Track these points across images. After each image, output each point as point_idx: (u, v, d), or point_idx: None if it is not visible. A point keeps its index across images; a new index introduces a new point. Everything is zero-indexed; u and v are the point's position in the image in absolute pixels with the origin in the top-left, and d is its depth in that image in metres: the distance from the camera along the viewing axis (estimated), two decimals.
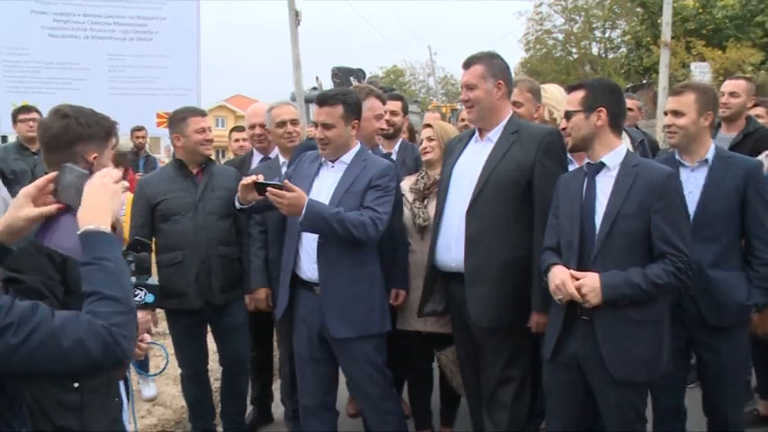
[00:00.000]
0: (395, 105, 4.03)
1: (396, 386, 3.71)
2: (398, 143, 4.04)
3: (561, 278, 2.35)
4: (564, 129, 2.55)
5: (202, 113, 3.32)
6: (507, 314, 2.70)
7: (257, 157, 3.86)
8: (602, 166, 2.43)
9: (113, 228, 1.41)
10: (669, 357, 2.38)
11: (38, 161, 4.70)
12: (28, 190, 1.47)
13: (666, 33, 10.66)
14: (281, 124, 3.41)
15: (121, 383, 1.85)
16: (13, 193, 3.91)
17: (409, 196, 3.28)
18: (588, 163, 2.48)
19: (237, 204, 2.91)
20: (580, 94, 2.45)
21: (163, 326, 5.79)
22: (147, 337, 1.97)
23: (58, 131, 1.68)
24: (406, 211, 3.25)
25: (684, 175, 2.68)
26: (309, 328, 2.87)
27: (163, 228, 3.21)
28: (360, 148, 2.88)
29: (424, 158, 3.32)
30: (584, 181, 2.46)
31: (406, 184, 3.34)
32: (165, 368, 2.69)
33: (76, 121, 1.70)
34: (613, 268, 2.31)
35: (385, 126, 3.34)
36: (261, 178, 2.72)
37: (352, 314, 2.77)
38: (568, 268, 2.39)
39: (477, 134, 2.88)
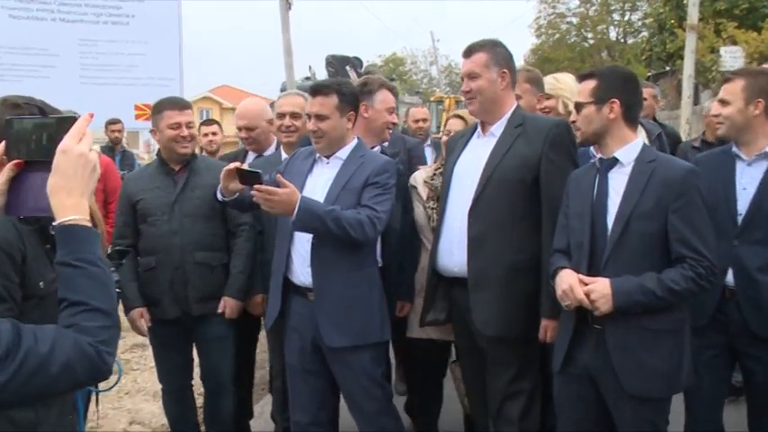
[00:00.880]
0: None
1: (408, 401, 3.71)
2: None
3: (569, 283, 2.33)
4: (574, 122, 2.52)
5: (181, 106, 3.22)
6: (514, 322, 2.68)
7: (252, 155, 3.86)
8: (614, 161, 2.40)
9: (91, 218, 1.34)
10: (691, 370, 2.35)
11: None
12: None
13: (693, 15, 10.64)
14: (280, 116, 3.41)
15: (78, 394, 1.82)
16: None
17: (423, 192, 3.25)
18: (600, 158, 2.46)
19: (219, 196, 2.88)
20: (591, 83, 2.41)
21: (141, 338, 5.78)
22: None
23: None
24: (420, 209, 3.23)
25: (740, 168, 2.65)
26: (302, 337, 2.84)
27: (142, 229, 3.20)
28: (357, 143, 2.87)
29: (444, 153, 3.30)
30: (596, 178, 2.44)
31: (420, 175, 3.31)
32: (117, 381, 2.61)
33: (29, 111, 1.65)
34: (627, 272, 2.27)
35: (396, 120, 3.31)
36: (245, 166, 2.70)
37: (348, 321, 2.75)
38: (578, 272, 2.36)
39: (479, 129, 2.87)
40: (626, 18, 31.12)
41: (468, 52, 2.77)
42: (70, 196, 1.24)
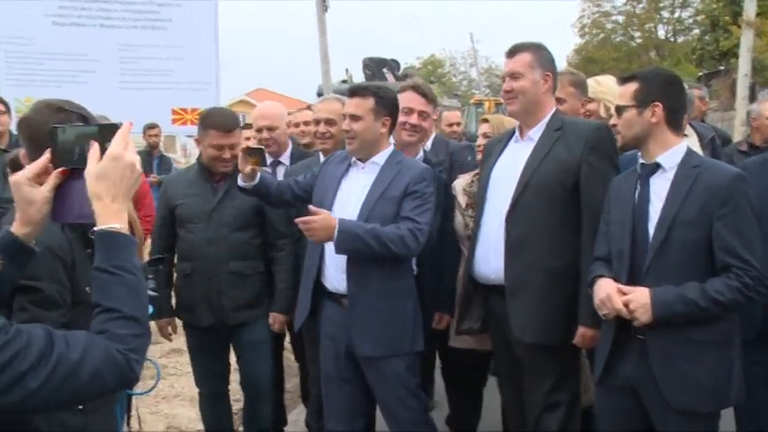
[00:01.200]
0: None
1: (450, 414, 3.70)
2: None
3: (607, 292, 2.31)
4: (615, 125, 2.51)
5: (227, 129, 3.16)
6: (553, 329, 2.66)
7: (267, 160, 3.92)
8: (656, 167, 2.38)
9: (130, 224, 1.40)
10: (742, 385, 2.30)
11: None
12: (24, 175, 1.40)
13: (750, 10, 10.37)
14: (316, 122, 3.49)
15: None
16: None
17: (461, 199, 3.26)
18: (642, 164, 2.43)
19: (240, 182, 2.95)
20: (632, 86, 2.39)
21: (179, 342, 5.90)
22: None
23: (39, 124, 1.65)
24: (458, 218, 3.25)
25: None
26: (336, 344, 2.87)
27: (180, 234, 3.27)
28: (393, 150, 2.91)
29: (479, 158, 3.30)
30: (638, 184, 2.41)
31: (460, 183, 3.33)
32: (155, 386, 2.69)
33: (76, 116, 1.70)
34: (668, 281, 2.24)
35: (414, 120, 3.26)
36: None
37: (381, 331, 2.77)
38: (618, 281, 2.34)
39: (517, 133, 2.88)
40: (676, 15, 30.51)
41: (512, 52, 2.80)
42: (114, 202, 1.30)
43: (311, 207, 2.68)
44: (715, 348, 2.26)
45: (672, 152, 2.36)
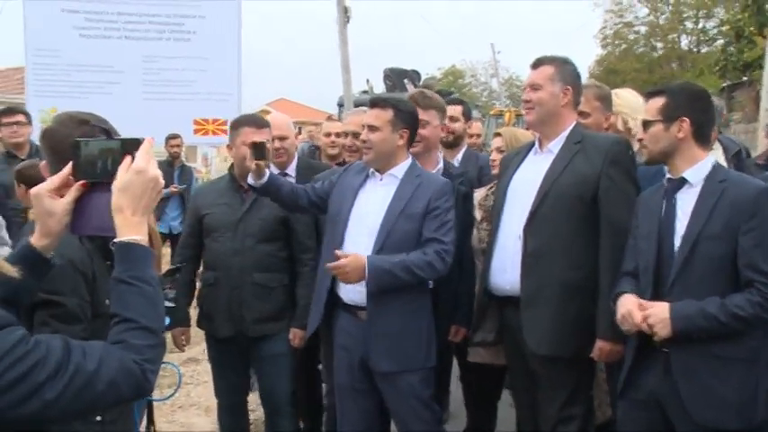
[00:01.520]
0: (454, 110, 4.03)
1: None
2: (462, 152, 4.01)
3: (627, 307, 2.33)
4: (641, 140, 2.51)
5: (259, 124, 3.25)
6: (568, 341, 2.66)
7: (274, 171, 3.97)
8: (683, 182, 2.38)
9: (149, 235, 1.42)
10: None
11: None
12: (45, 187, 1.41)
13: None
14: (345, 135, 3.58)
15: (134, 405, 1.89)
16: (5, 211, 3.95)
17: (477, 213, 3.27)
18: (669, 178, 2.44)
19: (250, 180, 2.97)
20: (660, 101, 2.40)
21: (196, 350, 5.93)
22: None
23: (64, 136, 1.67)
24: (473, 232, 3.25)
25: None
26: (351, 355, 2.88)
27: (206, 243, 3.30)
28: (412, 163, 2.92)
29: (493, 172, 3.30)
30: (665, 198, 2.41)
31: (475, 197, 3.34)
32: (176, 392, 2.71)
33: (99, 129, 1.73)
34: (693, 296, 2.23)
35: (425, 132, 3.29)
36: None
37: (398, 347, 2.80)
38: (644, 296, 2.33)
39: (536, 145, 2.89)
40: (699, 26, 30.18)
41: (536, 64, 2.85)
42: (135, 215, 1.33)
43: (338, 252, 2.70)
44: (741, 365, 2.24)
45: (698, 167, 2.36)
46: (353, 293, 2.83)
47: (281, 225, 3.23)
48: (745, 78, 20.10)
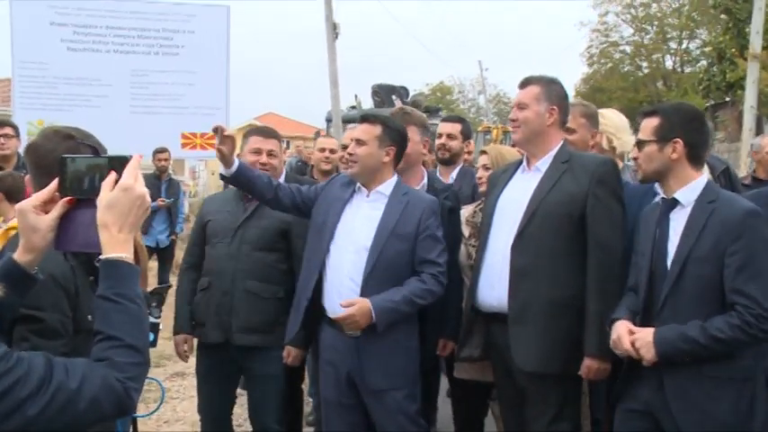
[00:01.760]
0: (452, 128, 4.03)
1: None
2: (457, 170, 4.01)
3: (618, 333, 2.37)
4: (636, 158, 2.55)
5: (267, 134, 3.32)
6: (556, 358, 2.67)
7: None
8: (675, 202, 2.41)
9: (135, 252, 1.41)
10: (767, 419, 2.26)
11: None
12: (30, 203, 1.40)
13: (756, 43, 10.43)
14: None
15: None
16: None
17: (465, 230, 3.28)
18: (663, 198, 2.47)
19: (222, 171, 2.94)
20: (654, 121, 2.42)
21: (183, 365, 5.88)
22: None
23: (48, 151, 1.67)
24: (462, 248, 3.26)
25: None
26: (337, 371, 2.88)
27: (206, 250, 3.29)
28: (397, 180, 2.95)
29: (480, 189, 3.33)
30: (659, 218, 2.45)
31: (463, 214, 3.35)
32: (159, 407, 2.69)
33: (85, 145, 1.72)
34: (683, 317, 2.26)
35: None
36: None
37: (389, 364, 2.81)
38: (637, 314, 2.37)
39: (524, 163, 2.93)
40: (683, 46, 30.67)
41: (524, 84, 2.89)
42: (120, 232, 1.32)
43: (343, 302, 2.72)
44: (734, 384, 2.25)
45: (690, 188, 2.38)
46: (339, 308, 2.80)
47: (281, 236, 3.19)
48: (727, 99, 20.44)
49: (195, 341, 3.33)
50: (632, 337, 2.30)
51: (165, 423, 4.53)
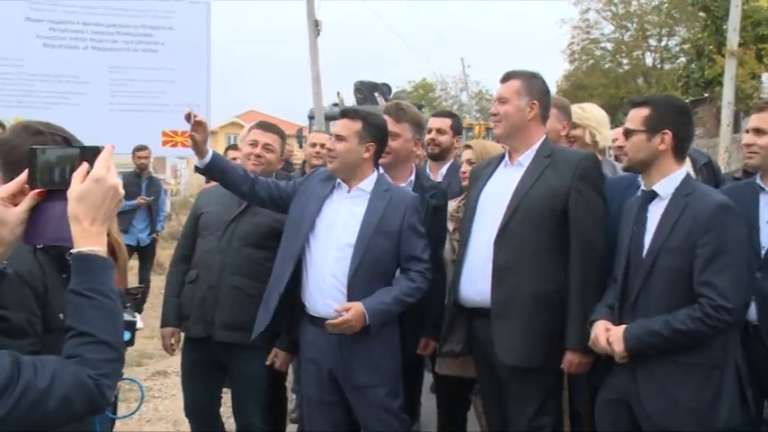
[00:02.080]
0: (442, 123, 4.00)
1: None
2: (447, 166, 3.97)
3: (595, 332, 2.45)
4: (621, 147, 2.56)
5: (266, 128, 3.34)
6: (538, 353, 2.69)
7: None
8: (654, 194, 2.45)
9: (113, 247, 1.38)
10: (734, 409, 2.32)
11: None
12: None
13: (733, 40, 10.55)
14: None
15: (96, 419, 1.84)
16: None
17: (450, 225, 3.29)
18: (642, 190, 2.51)
19: (196, 161, 2.93)
20: (644, 111, 2.45)
21: (164, 364, 5.85)
22: None
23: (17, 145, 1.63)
24: (447, 243, 3.27)
25: (764, 201, 2.66)
26: (319, 368, 2.87)
27: (198, 242, 3.26)
28: (379, 176, 2.93)
29: (463, 184, 3.33)
30: (638, 210, 2.50)
31: (449, 209, 3.35)
32: (139, 407, 2.66)
33: (51, 138, 1.68)
34: (656, 307, 2.33)
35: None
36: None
37: (372, 361, 2.81)
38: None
39: (506, 158, 2.93)
40: (663, 44, 31.00)
41: (505, 78, 2.90)
42: (93, 225, 1.28)
43: (337, 308, 2.71)
44: (701, 371, 2.30)
45: (669, 180, 2.42)
46: (321, 306, 2.81)
47: (272, 234, 3.12)
48: (706, 95, 20.68)
49: (183, 336, 3.31)
50: (607, 333, 2.38)
51: (146, 422, 4.51)
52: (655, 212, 2.42)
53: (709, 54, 19.13)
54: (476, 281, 2.81)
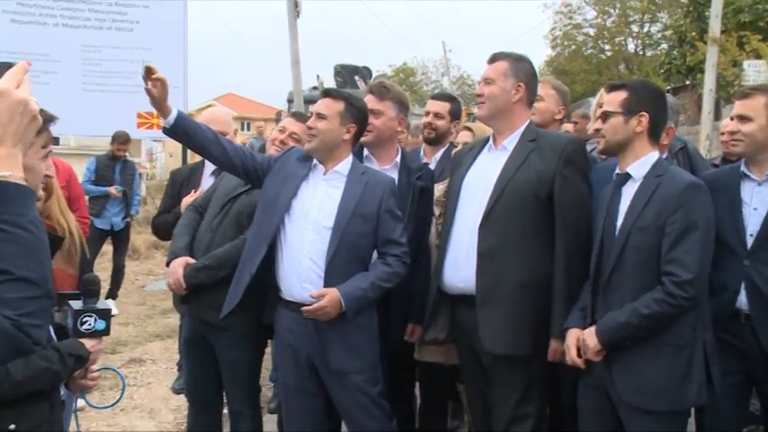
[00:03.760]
0: (441, 107, 3.93)
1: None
2: (442, 151, 3.89)
3: (567, 343, 2.52)
4: (598, 130, 2.57)
5: (298, 117, 3.42)
6: (524, 340, 2.69)
7: (209, 168, 3.91)
8: (628, 176, 2.49)
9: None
10: (703, 387, 2.38)
11: None
12: None
13: (715, 27, 10.57)
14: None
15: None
16: None
17: (436, 209, 3.27)
18: (617, 173, 2.54)
19: (162, 121, 2.78)
20: (622, 94, 2.50)
21: (139, 351, 5.78)
22: (94, 367, 1.94)
23: None
24: (432, 228, 3.25)
25: (749, 189, 2.68)
26: (297, 355, 2.83)
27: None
28: (354, 159, 2.91)
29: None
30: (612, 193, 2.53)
31: (435, 193, 3.32)
32: (121, 397, 2.63)
33: None
34: (627, 287, 2.37)
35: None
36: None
37: (352, 345, 2.79)
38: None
39: (490, 142, 2.91)
40: (645, 30, 31.14)
41: (492, 59, 2.88)
42: (2, 146, 1.16)
43: (312, 293, 2.67)
44: (671, 349, 2.35)
45: (642, 162, 2.47)
46: (297, 292, 2.76)
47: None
48: (687, 82, 20.84)
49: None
50: (581, 333, 2.45)
51: (120, 411, 4.44)
52: (628, 194, 2.47)
53: (691, 41, 19.23)
54: (460, 267, 2.79)
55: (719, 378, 2.42)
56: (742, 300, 2.58)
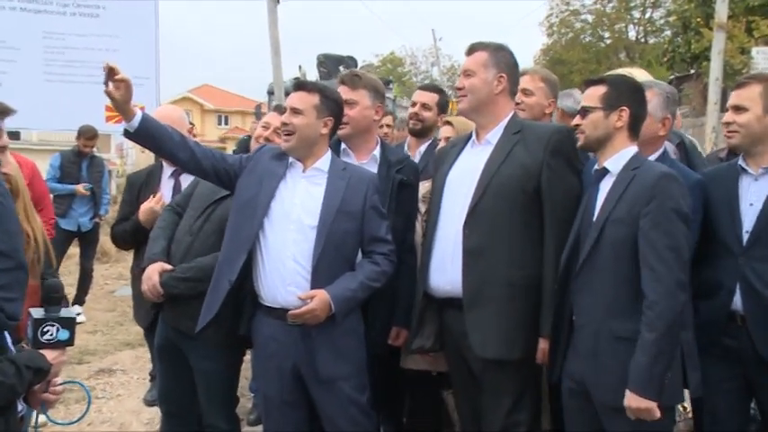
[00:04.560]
0: (429, 98, 3.96)
1: None
2: (427, 144, 3.92)
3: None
4: (578, 125, 2.60)
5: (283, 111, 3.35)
6: (515, 343, 2.70)
7: (167, 171, 3.88)
8: (606, 171, 2.54)
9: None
10: (679, 386, 2.43)
11: None
12: None
13: (722, 12, 10.60)
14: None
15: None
16: None
17: (422, 207, 3.28)
18: (596, 169, 2.59)
19: (125, 125, 2.72)
20: (601, 89, 2.55)
21: (108, 361, 5.72)
22: (57, 380, 1.91)
23: None
24: (417, 227, 3.25)
25: (745, 183, 2.70)
26: (281, 365, 2.82)
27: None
28: (332, 154, 2.91)
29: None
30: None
31: (421, 190, 3.33)
32: (86, 413, 2.59)
33: None
34: (599, 279, 2.42)
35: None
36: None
37: (341, 350, 2.79)
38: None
39: (473, 137, 2.93)
40: (647, 16, 31.33)
41: (470, 50, 2.90)
42: None
43: (300, 295, 2.66)
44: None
45: (619, 156, 2.52)
46: (281, 297, 2.74)
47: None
48: (692, 71, 20.98)
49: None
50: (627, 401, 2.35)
51: (88, 425, 4.40)
52: (604, 188, 2.52)
53: (696, 27, 19.35)
54: (446, 268, 2.80)
55: (698, 380, 2.49)
56: (737, 301, 2.62)
